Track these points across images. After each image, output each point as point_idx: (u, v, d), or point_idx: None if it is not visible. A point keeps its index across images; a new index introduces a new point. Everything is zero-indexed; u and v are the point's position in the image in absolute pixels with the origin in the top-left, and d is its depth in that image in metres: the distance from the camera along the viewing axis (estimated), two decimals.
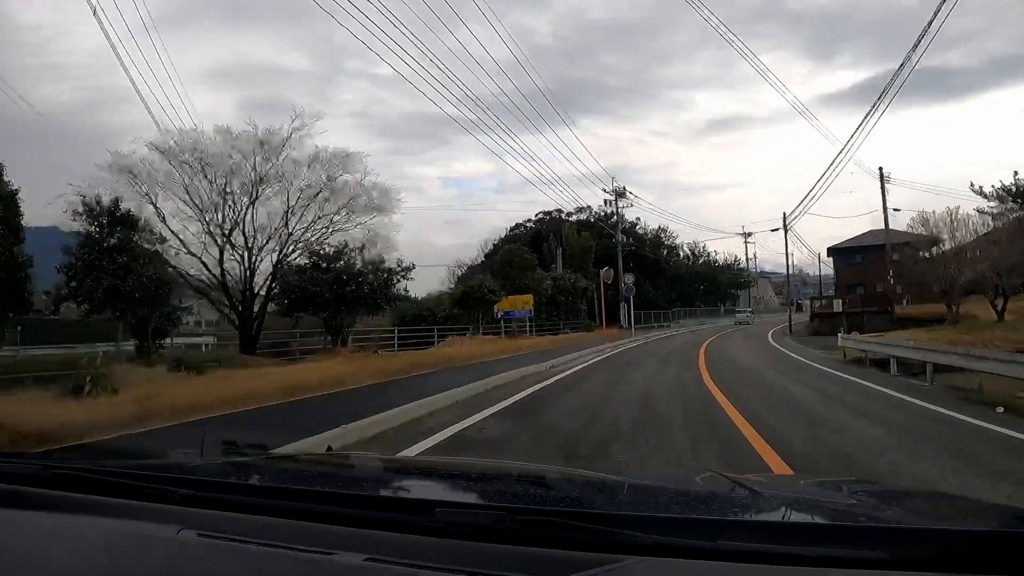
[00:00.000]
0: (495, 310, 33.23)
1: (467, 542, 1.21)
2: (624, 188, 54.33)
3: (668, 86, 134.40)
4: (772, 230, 45.37)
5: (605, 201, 54.34)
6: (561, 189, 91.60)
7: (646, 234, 69.96)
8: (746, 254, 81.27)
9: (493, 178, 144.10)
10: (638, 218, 68.80)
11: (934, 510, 1.80)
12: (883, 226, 64.56)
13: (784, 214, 45.59)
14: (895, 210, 42.12)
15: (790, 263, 61.03)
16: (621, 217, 54.80)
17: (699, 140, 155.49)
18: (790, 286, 56.58)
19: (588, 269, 56.66)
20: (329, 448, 5.10)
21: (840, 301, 36.27)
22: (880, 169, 40.78)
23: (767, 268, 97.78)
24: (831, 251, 62.61)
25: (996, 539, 1.18)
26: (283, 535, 1.27)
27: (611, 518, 1.30)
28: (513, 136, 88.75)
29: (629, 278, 35.00)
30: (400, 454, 6.14)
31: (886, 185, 43.20)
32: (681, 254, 74.50)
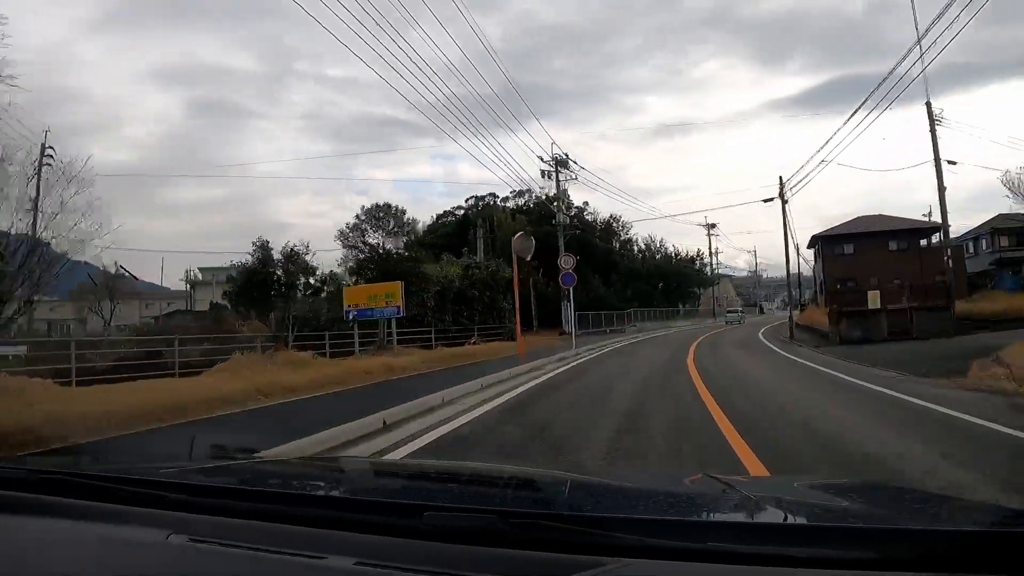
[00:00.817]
0: (345, 309, 20.85)
1: (457, 545, 1.20)
2: (567, 156, 42.46)
3: (618, 90, 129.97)
4: (765, 200, 33.47)
5: (543, 173, 42.32)
6: (505, 172, 78.29)
7: (596, 222, 58.45)
8: (710, 248, 70.56)
9: (444, 180, 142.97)
10: (586, 203, 57.34)
11: (923, 510, 1.73)
12: (874, 213, 54.85)
13: (781, 179, 34.05)
14: (950, 163, 30.23)
15: (757, 261, 50.67)
16: (563, 193, 42.92)
17: (649, 144, 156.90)
18: (791, 279, 45.57)
19: (525, 261, 45.29)
20: None
21: (879, 295, 24.77)
22: (928, 105, 28.74)
23: (722, 270, 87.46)
24: (816, 239, 51.73)
25: (985, 539, 1.19)
26: (273, 539, 1.26)
27: (601, 520, 1.31)
28: (465, 136, 77.47)
29: (569, 260, 22.85)
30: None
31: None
32: (636, 249, 63.17)
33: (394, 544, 1.23)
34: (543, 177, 42.26)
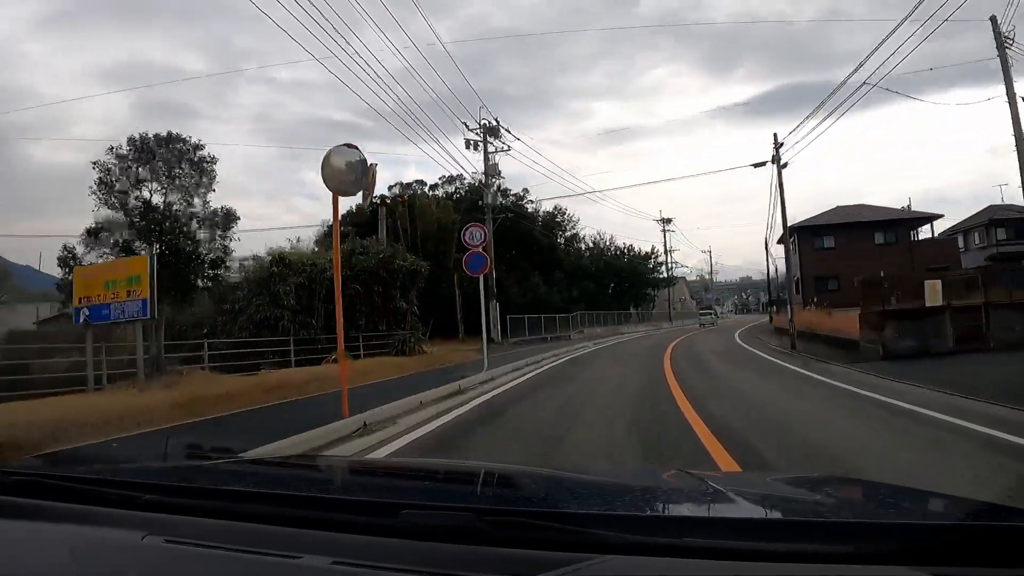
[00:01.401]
0: (75, 307, 12.02)
1: (434, 543, 1.20)
2: (498, 123, 33.99)
3: (567, 96, 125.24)
4: (755, 165, 25.29)
5: (469, 144, 33.76)
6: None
7: (537, 213, 50.26)
8: (665, 245, 62.84)
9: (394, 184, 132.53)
10: (526, 190, 49.14)
11: (897, 504, 1.74)
12: (852, 203, 48.00)
13: (775, 137, 26.14)
14: None
15: (713, 263, 43.43)
16: (493, 169, 34.37)
17: (598, 150, 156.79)
18: (787, 271, 38.09)
19: (451, 255, 37.11)
20: None
21: (938, 286, 16.87)
22: (993, 21, 21.18)
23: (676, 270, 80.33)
24: (792, 231, 44.23)
25: (961, 532, 1.21)
26: (250, 539, 1.25)
27: (578, 517, 1.30)
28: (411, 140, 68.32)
29: (477, 234, 14.10)
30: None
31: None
32: (584, 247, 55.16)
33: (371, 543, 1.22)
34: (468, 148, 33.67)
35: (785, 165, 24.66)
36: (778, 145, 24.76)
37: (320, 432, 6.79)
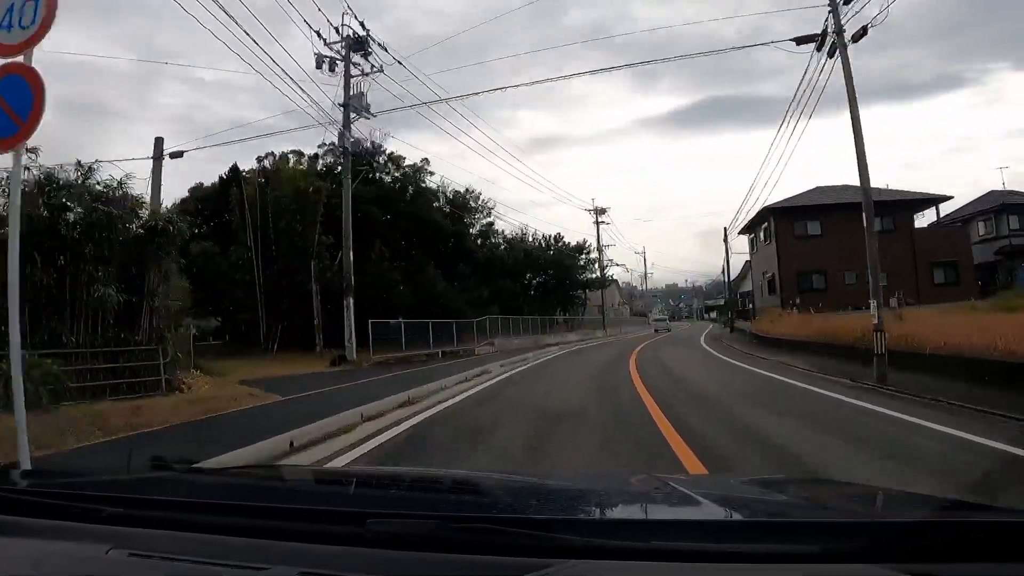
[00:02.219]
0: None
1: (401, 552, 1.19)
2: (367, 34, 22.57)
3: (492, 105, 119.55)
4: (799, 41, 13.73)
5: (321, 61, 22.20)
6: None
7: (440, 190, 39.07)
8: (598, 240, 52.43)
9: None
10: (425, 160, 37.50)
11: (864, 503, 1.80)
12: (828, 183, 38.96)
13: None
14: None
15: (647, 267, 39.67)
16: (359, 99, 22.84)
17: (524, 158, 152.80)
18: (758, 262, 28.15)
19: (312, 237, 26.11)
20: None
21: None
22: None
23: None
24: (767, 214, 34.37)
25: (924, 529, 1.22)
26: (215, 551, 1.24)
27: (546, 522, 1.30)
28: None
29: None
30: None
31: None
32: (502, 238, 44.09)
33: (337, 552, 1.22)
34: (323, 68, 22.12)
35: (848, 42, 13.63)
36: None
37: None
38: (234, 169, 36.76)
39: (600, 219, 52.91)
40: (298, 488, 2.11)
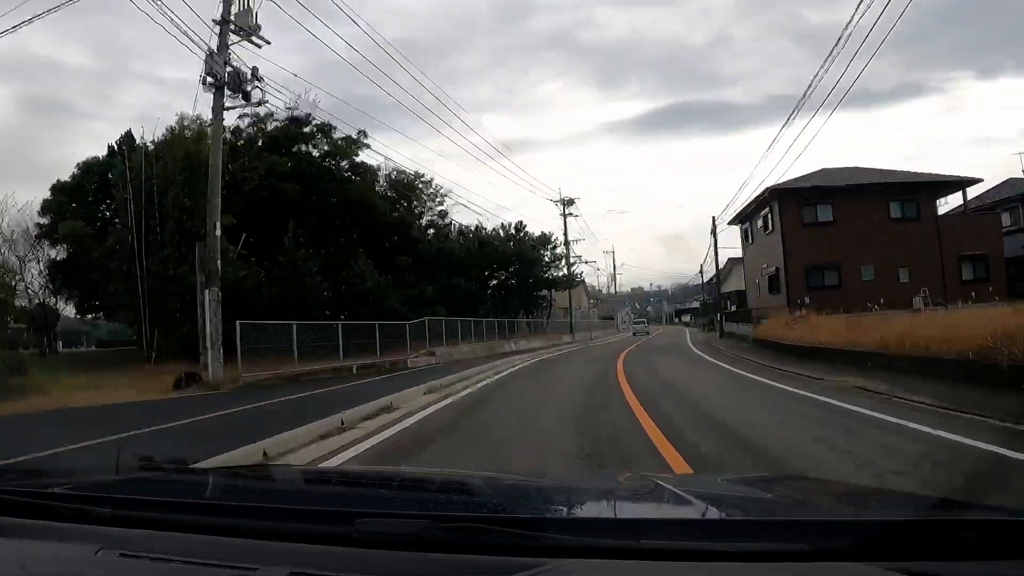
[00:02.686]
0: None
1: (392, 551, 1.18)
2: None
3: (457, 107, 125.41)
4: None
5: None
6: None
7: (379, 170, 32.96)
8: (565, 235, 46.46)
9: None
10: (362, 131, 31.03)
11: (852, 501, 1.80)
12: (831, 167, 33.77)
13: None
14: None
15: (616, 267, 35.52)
16: (248, 18, 16.46)
17: (489, 162, 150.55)
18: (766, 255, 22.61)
19: (198, 211, 20.05)
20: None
21: None
22: None
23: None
24: (773, 195, 28.73)
25: (913, 527, 1.22)
26: (205, 551, 1.23)
27: (536, 522, 1.32)
28: None
29: None
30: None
31: None
32: (455, 228, 38.13)
33: (328, 552, 1.21)
34: None
35: None
36: None
37: None
38: (127, 136, 30.18)
39: (568, 211, 47.02)
40: (288, 488, 2.09)
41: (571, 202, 46.95)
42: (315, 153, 30.41)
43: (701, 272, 56.59)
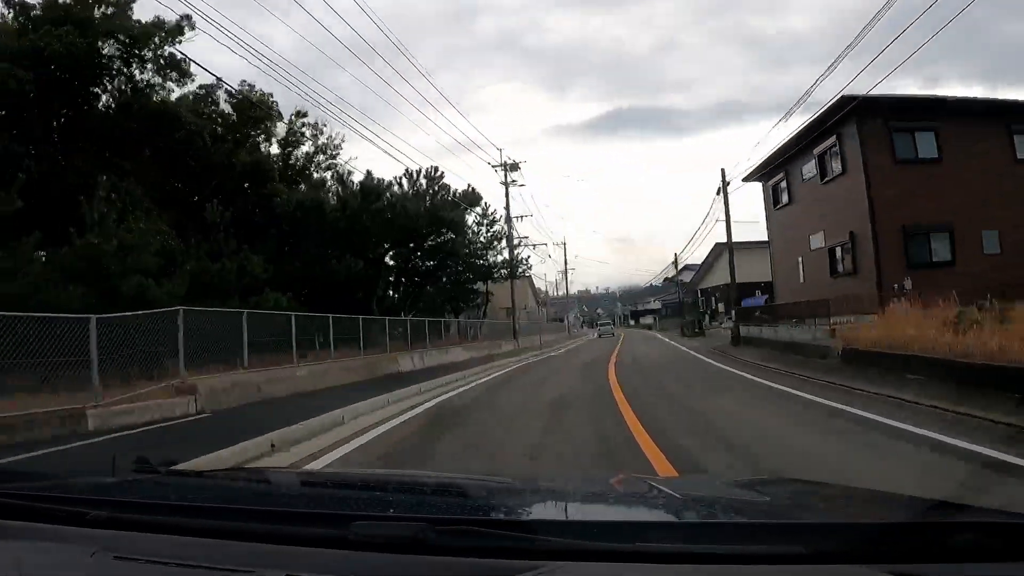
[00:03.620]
0: None
1: (387, 554, 1.18)
2: None
3: (406, 107, 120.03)
4: None
5: None
6: None
7: (223, 85, 20.56)
8: (507, 209, 34.74)
9: None
10: (186, 17, 18.55)
11: (848, 504, 1.77)
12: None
13: None
14: None
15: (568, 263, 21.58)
16: None
17: (436, 160, 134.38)
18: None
19: None
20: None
21: None
22: None
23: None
24: (853, 109, 17.30)
25: (909, 529, 1.22)
26: (201, 554, 1.21)
27: (530, 524, 1.34)
28: None
29: None
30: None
31: None
32: (333, 176, 26.02)
33: (323, 555, 1.20)
34: None
35: None
36: None
37: None
38: None
39: (511, 179, 35.52)
40: (283, 491, 2.05)
41: (515, 167, 35.31)
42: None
43: (676, 262, 45.88)
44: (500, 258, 33.88)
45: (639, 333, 58.21)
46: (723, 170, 24.52)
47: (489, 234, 33.44)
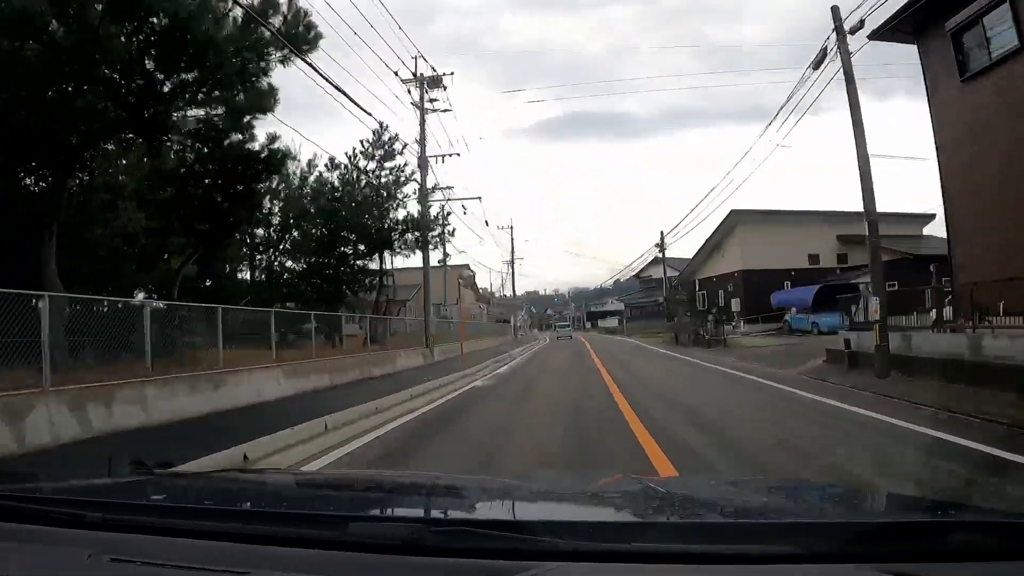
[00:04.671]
0: None
1: (383, 555, 1.17)
2: None
3: (348, 104, 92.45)
4: None
5: None
6: None
7: None
8: (421, 142, 22.24)
9: None
10: None
11: (844, 503, 1.79)
12: None
13: None
14: None
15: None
16: None
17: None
18: None
19: None
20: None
21: None
22: None
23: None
24: None
25: (905, 529, 1.21)
26: (197, 556, 1.21)
27: (526, 525, 1.29)
28: None
29: None
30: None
31: None
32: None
33: (320, 557, 1.19)
34: None
35: None
36: None
37: None
38: None
39: (431, 99, 23.28)
40: (280, 492, 2.02)
41: (436, 82, 22.93)
42: None
43: (661, 243, 33.91)
44: (408, 213, 21.31)
45: (608, 339, 45.32)
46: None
47: (390, 175, 20.94)
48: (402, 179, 21.33)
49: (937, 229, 26.36)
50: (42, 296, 7.72)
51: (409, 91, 22.10)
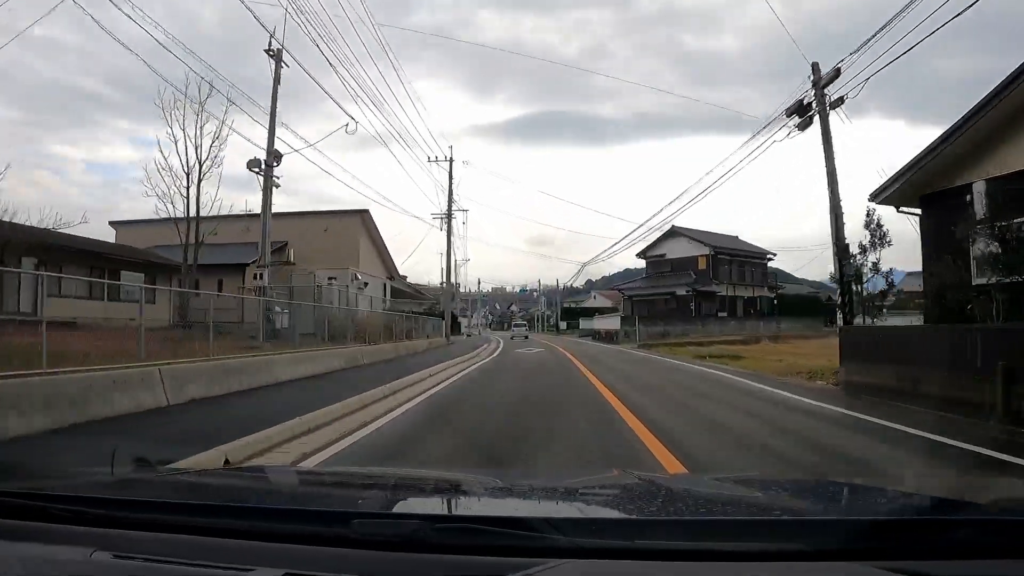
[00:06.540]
0: None
1: (387, 552, 1.17)
2: None
3: (323, 96, 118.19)
4: None
5: None
6: None
7: None
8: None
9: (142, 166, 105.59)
10: None
11: (847, 501, 1.77)
12: None
13: None
14: None
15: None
16: None
17: (349, 153, 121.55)
18: None
19: None
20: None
21: None
22: None
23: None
24: None
25: (909, 527, 1.19)
26: (200, 553, 1.20)
27: (529, 522, 1.27)
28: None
29: None
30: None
31: None
32: None
33: (323, 553, 1.18)
34: None
35: None
36: None
37: None
38: None
39: None
40: (283, 489, 2.04)
41: None
42: None
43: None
44: None
45: (595, 349, 29.65)
46: None
47: None
48: None
49: None
50: None
51: None
